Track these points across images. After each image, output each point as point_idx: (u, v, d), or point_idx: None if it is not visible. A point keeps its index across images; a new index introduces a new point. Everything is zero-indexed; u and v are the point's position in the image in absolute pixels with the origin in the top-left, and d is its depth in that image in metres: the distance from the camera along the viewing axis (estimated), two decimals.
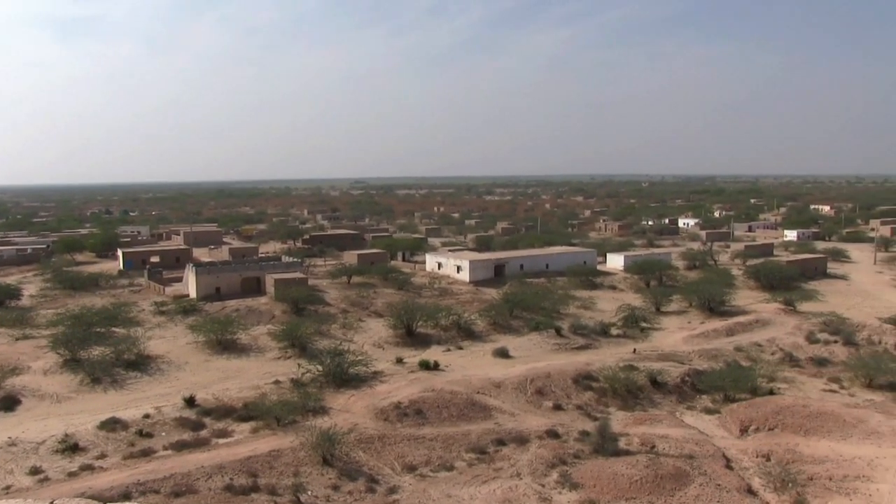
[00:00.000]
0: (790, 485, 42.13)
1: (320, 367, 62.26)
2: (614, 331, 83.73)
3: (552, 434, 51.01)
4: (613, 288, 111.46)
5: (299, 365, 64.15)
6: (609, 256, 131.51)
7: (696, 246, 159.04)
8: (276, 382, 61.94)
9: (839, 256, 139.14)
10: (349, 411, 54.84)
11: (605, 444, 48.10)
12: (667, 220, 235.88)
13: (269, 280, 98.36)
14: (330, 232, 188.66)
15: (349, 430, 49.03)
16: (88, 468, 44.28)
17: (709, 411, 58.61)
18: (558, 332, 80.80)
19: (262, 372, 67.02)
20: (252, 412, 53.18)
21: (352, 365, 63.42)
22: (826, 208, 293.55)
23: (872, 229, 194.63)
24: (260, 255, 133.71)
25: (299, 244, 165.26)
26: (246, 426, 51.56)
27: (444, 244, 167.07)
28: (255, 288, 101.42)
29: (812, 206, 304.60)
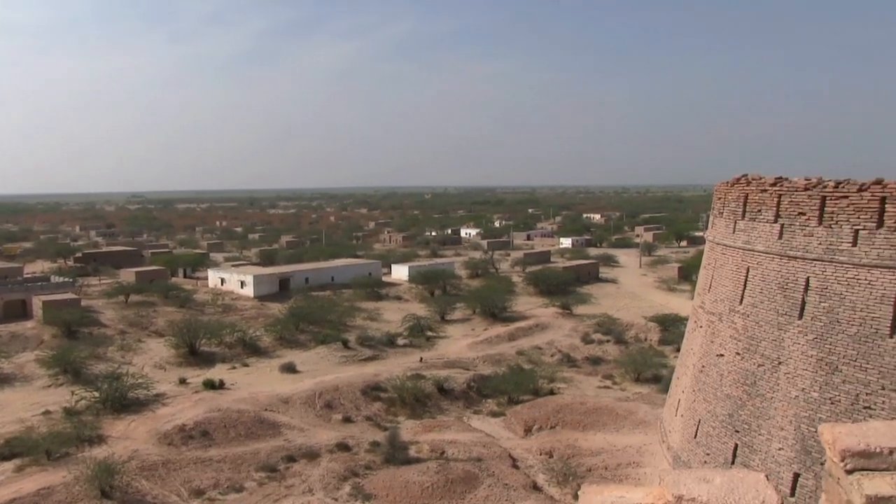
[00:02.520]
0: (570, 478, 44.39)
1: (96, 393, 58.50)
2: (401, 341, 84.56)
3: (343, 447, 50.83)
4: (399, 298, 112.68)
5: (73, 392, 60.00)
6: (394, 267, 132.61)
7: (478, 255, 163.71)
8: (46, 413, 57.54)
9: (609, 262, 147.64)
10: (130, 438, 51.95)
11: (396, 454, 48.53)
12: (449, 231, 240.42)
13: (37, 302, 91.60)
14: (105, 249, 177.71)
15: (129, 458, 46.43)
16: None
17: (494, 414, 60.61)
18: (345, 344, 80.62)
19: (29, 403, 61.93)
20: (16, 449, 48.73)
21: (131, 388, 60.05)
22: (597, 216, 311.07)
23: (637, 236, 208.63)
24: (25, 276, 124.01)
25: (71, 263, 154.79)
26: (9, 465, 47.22)
27: (227, 259, 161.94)
28: (19, 312, 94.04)
29: (584, 215, 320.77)
